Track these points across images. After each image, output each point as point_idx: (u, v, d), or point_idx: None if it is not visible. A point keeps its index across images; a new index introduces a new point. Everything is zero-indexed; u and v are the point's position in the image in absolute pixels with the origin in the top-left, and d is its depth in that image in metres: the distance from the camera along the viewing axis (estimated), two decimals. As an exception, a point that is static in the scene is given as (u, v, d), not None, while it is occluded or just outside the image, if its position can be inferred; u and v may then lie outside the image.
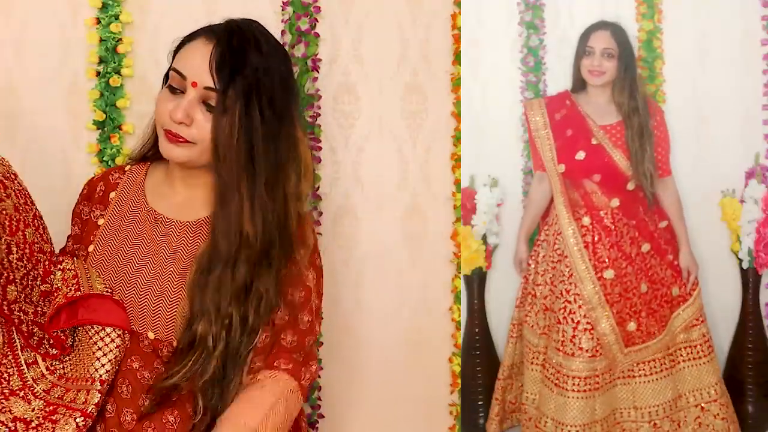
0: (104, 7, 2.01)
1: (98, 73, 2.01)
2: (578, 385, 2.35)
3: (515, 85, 2.51)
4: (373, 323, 2.21)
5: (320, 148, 2.11)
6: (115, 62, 2.01)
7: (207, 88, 1.37)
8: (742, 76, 2.47)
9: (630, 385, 2.43)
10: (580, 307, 2.39)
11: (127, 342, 1.41)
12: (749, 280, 2.47)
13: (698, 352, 2.46)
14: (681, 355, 2.47)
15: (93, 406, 1.36)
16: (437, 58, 2.22)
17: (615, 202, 2.43)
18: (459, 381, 2.27)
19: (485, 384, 2.51)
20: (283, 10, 2.10)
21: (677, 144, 2.42)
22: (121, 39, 2.02)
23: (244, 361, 1.39)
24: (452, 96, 2.23)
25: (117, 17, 2.01)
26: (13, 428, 1.34)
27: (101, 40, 2.01)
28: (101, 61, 2.01)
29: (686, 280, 2.46)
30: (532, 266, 2.54)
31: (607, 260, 2.42)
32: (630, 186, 2.41)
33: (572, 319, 2.38)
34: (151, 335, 1.41)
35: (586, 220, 2.44)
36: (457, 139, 2.24)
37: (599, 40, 2.41)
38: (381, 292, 2.21)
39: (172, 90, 1.41)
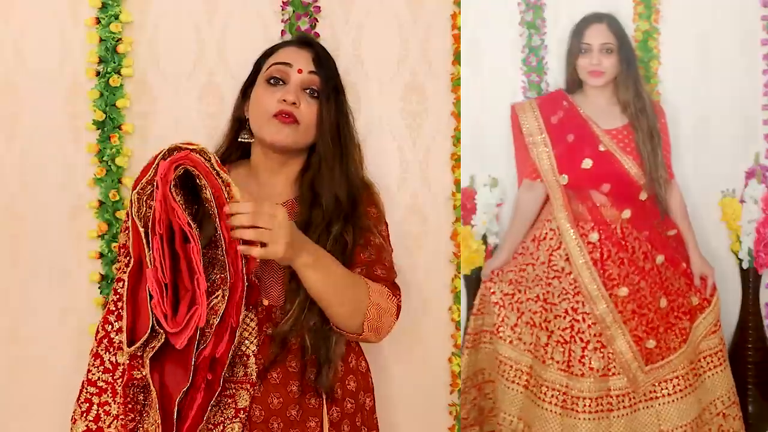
0: (104, 7, 2.01)
1: (98, 73, 2.02)
2: (589, 406, 2.22)
3: (515, 85, 2.50)
4: (373, 323, 2.21)
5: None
6: (115, 62, 2.01)
7: (311, 72, 1.65)
8: (742, 76, 2.47)
9: (653, 407, 2.25)
10: (590, 326, 2.24)
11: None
12: (749, 280, 2.47)
13: (718, 359, 2.34)
14: (702, 366, 2.33)
15: (255, 376, 1.55)
16: (437, 58, 2.22)
17: (626, 214, 2.28)
18: (459, 381, 2.27)
19: (485, 384, 2.50)
20: (283, 10, 2.10)
21: (678, 144, 2.42)
22: (121, 39, 2.02)
23: None
24: (452, 96, 2.23)
25: (117, 17, 2.01)
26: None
27: (101, 40, 2.01)
28: (101, 61, 2.01)
29: (702, 287, 2.34)
30: (495, 272, 2.39)
31: (618, 277, 2.25)
32: (642, 196, 2.28)
33: (581, 339, 2.25)
34: (265, 302, 1.59)
35: (594, 237, 2.26)
36: (457, 139, 2.24)
37: (595, 34, 2.28)
38: (381, 292, 2.21)
39: (273, 82, 1.64)
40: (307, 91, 1.65)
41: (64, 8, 2.02)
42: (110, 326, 1.56)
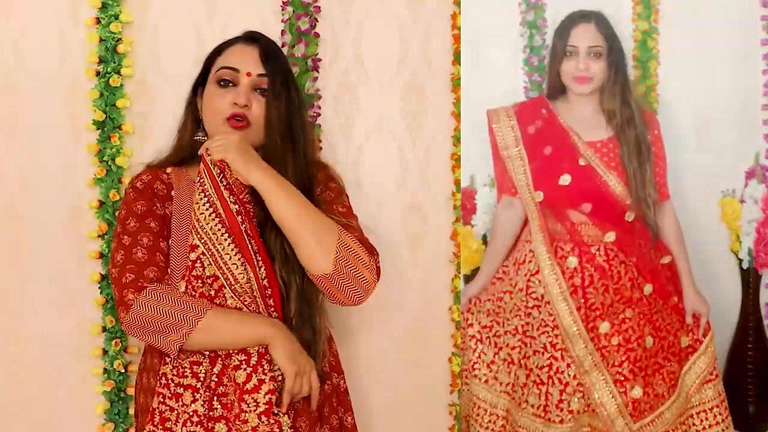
0: (104, 7, 2.01)
1: (98, 73, 2.02)
2: None
3: (516, 85, 2.50)
4: (374, 323, 2.21)
5: (320, 148, 2.11)
6: (115, 62, 2.01)
7: (260, 75, 1.65)
8: (742, 76, 2.47)
9: None
10: (569, 365, 2.00)
11: None
12: (749, 280, 2.47)
13: (715, 417, 2.07)
14: (694, 424, 2.06)
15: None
16: (437, 58, 2.22)
17: (610, 236, 2.04)
18: (459, 381, 2.27)
19: (485, 384, 2.47)
20: (283, 10, 2.10)
21: (678, 144, 2.41)
22: (121, 39, 2.02)
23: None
24: (452, 96, 2.23)
25: (117, 17, 2.01)
26: None
27: (101, 40, 2.01)
28: (101, 61, 2.01)
29: (694, 326, 2.09)
30: (472, 301, 2.21)
31: (601, 307, 2.01)
32: (629, 216, 2.06)
33: (560, 380, 2.01)
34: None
35: (572, 261, 2.03)
36: (457, 139, 2.24)
37: (583, 35, 2.08)
38: (381, 291, 2.20)
39: (223, 84, 1.65)
40: (257, 90, 1.66)
41: (64, 8, 2.02)
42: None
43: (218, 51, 1.72)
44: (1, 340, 2.03)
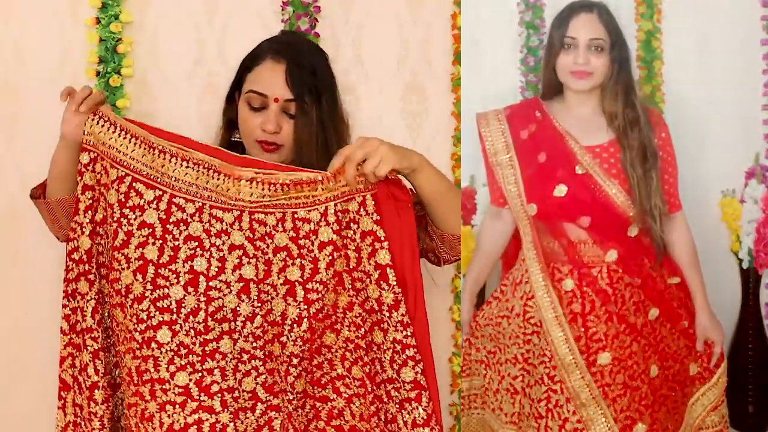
0: (104, 7, 2.01)
1: (98, 73, 2.02)
2: None
3: (515, 85, 2.51)
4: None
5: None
6: (114, 62, 2.01)
7: (288, 101, 1.64)
8: (742, 76, 2.47)
9: None
10: (568, 400, 1.83)
11: None
12: (749, 280, 2.47)
13: None
14: None
15: None
16: (437, 58, 2.22)
17: (612, 255, 1.86)
18: (459, 381, 2.27)
19: (485, 384, 2.45)
20: (283, 10, 2.11)
21: (677, 144, 2.41)
22: (120, 39, 2.02)
23: None
24: (452, 96, 2.23)
25: (117, 17, 2.01)
26: None
27: (101, 40, 2.01)
28: (101, 61, 2.02)
29: (705, 354, 1.92)
30: (473, 326, 2.05)
31: (604, 338, 1.82)
32: (632, 231, 1.87)
33: (558, 414, 1.84)
34: None
35: (569, 284, 1.85)
36: (457, 139, 2.24)
37: (583, 27, 1.88)
38: (381, 292, 2.20)
39: (254, 109, 1.66)
40: (287, 114, 1.66)
41: (64, 8, 2.02)
42: None
43: (248, 66, 1.70)
44: (1, 340, 2.03)
